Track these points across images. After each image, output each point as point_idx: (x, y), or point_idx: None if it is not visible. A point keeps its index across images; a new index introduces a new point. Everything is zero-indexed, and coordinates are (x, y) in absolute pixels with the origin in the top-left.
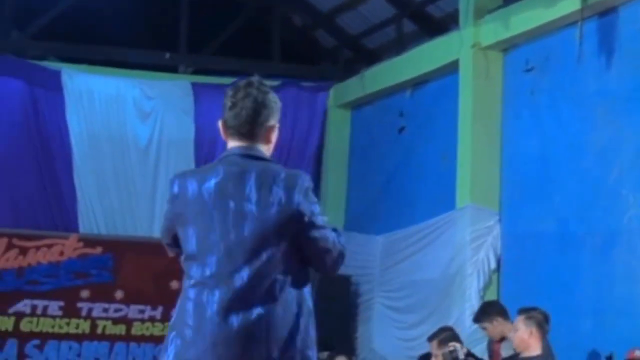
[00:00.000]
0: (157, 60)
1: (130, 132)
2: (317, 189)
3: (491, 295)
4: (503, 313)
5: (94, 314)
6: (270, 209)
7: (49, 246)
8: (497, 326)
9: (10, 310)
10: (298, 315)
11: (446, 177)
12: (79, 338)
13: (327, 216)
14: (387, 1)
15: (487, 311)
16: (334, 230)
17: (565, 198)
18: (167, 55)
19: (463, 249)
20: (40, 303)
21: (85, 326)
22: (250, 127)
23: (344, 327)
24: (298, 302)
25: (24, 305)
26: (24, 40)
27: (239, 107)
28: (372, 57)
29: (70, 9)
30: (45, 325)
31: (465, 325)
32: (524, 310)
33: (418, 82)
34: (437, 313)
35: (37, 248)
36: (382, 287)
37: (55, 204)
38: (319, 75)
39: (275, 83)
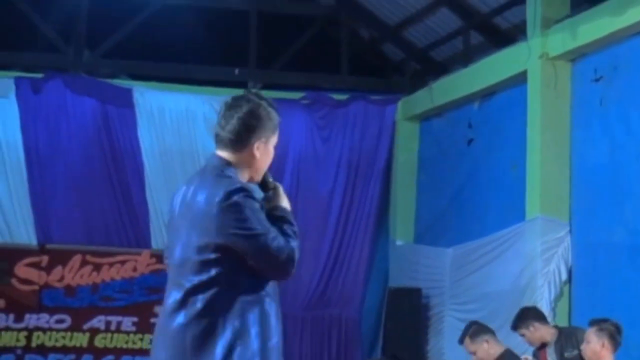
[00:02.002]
0: (226, 76)
1: (201, 148)
2: (386, 202)
3: (563, 307)
4: (539, 318)
5: None
6: (194, 215)
7: (122, 262)
8: (535, 332)
9: (85, 326)
10: (219, 326)
11: (515, 188)
12: None
13: (397, 228)
14: (453, 13)
15: (523, 317)
16: (285, 233)
17: (636, 208)
18: (237, 71)
19: (533, 261)
20: (114, 319)
21: None
22: (234, 137)
23: (414, 340)
24: (227, 312)
25: (98, 321)
26: (95, 60)
27: (227, 117)
28: (440, 69)
29: (139, 27)
30: (119, 341)
31: None
32: (596, 322)
33: (486, 94)
34: (508, 325)
35: (111, 264)
36: (453, 300)
37: (128, 221)
38: (387, 88)
39: (343, 97)
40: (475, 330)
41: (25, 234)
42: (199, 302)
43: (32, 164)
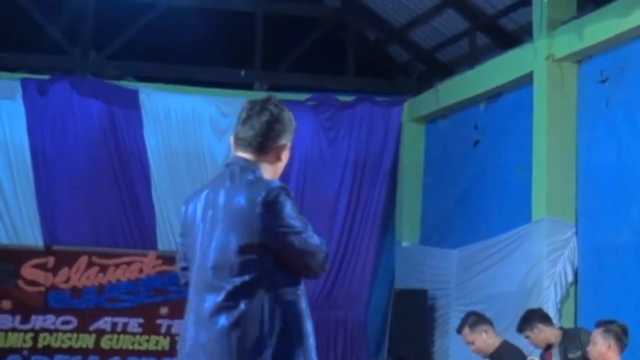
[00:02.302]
0: (232, 78)
1: (207, 150)
2: (392, 203)
3: (569, 309)
4: (543, 320)
5: (174, 330)
6: (233, 216)
7: (129, 264)
8: (539, 334)
9: (91, 328)
10: (264, 326)
11: (521, 189)
12: (158, 355)
13: (403, 230)
14: (459, 14)
15: (528, 319)
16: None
17: None
18: (242, 72)
19: (540, 262)
20: (120, 320)
21: (164, 343)
22: (262, 140)
23: (420, 341)
24: (270, 311)
25: (104, 323)
26: (101, 61)
27: (253, 120)
28: (446, 71)
29: (145, 29)
30: (125, 342)
31: None
32: (602, 323)
33: (492, 95)
34: (514, 327)
35: (117, 266)
36: (459, 301)
37: (134, 222)
38: (393, 90)
39: (349, 98)
40: (475, 320)
41: (31, 235)
42: (242, 303)
43: (39, 166)
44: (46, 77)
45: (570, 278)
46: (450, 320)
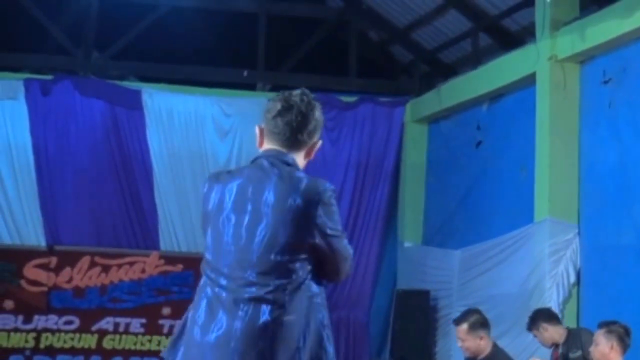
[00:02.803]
0: (235, 78)
1: (209, 150)
2: (394, 203)
3: (571, 309)
4: (548, 319)
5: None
6: (285, 215)
7: (131, 264)
8: (544, 333)
9: (94, 328)
10: (304, 324)
11: (524, 190)
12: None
13: (405, 230)
14: (462, 15)
15: (534, 319)
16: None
17: None
18: (245, 73)
19: (542, 263)
20: (122, 320)
21: (167, 343)
22: (300, 135)
23: (422, 342)
24: (307, 311)
25: (106, 323)
26: (104, 62)
27: (293, 114)
28: (449, 72)
29: (148, 29)
30: (127, 342)
31: None
32: (604, 324)
33: (495, 96)
34: (516, 327)
35: (119, 266)
36: (461, 302)
37: (136, 222)
38: (396, 90)
39: (352, 99)
40: (477, 322)
41: (34, 236)
42: (286, 301)
43: (41, 166)
44: (49, 77)
45: (572, 279)
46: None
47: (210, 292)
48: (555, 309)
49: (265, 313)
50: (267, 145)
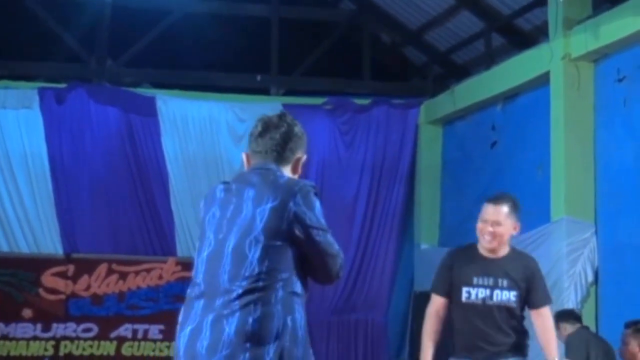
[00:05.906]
0: (248, 83)
1: (224, 155)
2: (410, 205)
3: (590, 309)
4: (566, 318)
5: None
6: (264, 205)
7: (148, 270)
8: (563, 332)
9: (112, 335)
10: (281, 318)
11: (540, 190)
12: None
13: (421, 232)
14: (475, 16)
15: (555, 318)
16: None
17: None
18: (259, 77)
19: (559, 262)
20: (140, 327)
21: None
22: (282, 150)
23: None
24: (285, 308)
25: (125, 330)
26: (118, 69)
27: (272, 132)
28: (462, 72)
29: (161, 36)
30: (146, 349)
31: None
32: (632, 324)
33: (509, 96)
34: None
35: (137, 273)
36: None
37: (153, 229)
38: (410, 92)
39: (366, 101)
40: (516, 206)
41: (51, 244)
42: (272, 297)
43: (57, 174)
44: (63, 85)
45: (590, 278)
46: None
47: (189, 291)
48: (574, 308)
49: (237, 305)
50: (253, 165)
